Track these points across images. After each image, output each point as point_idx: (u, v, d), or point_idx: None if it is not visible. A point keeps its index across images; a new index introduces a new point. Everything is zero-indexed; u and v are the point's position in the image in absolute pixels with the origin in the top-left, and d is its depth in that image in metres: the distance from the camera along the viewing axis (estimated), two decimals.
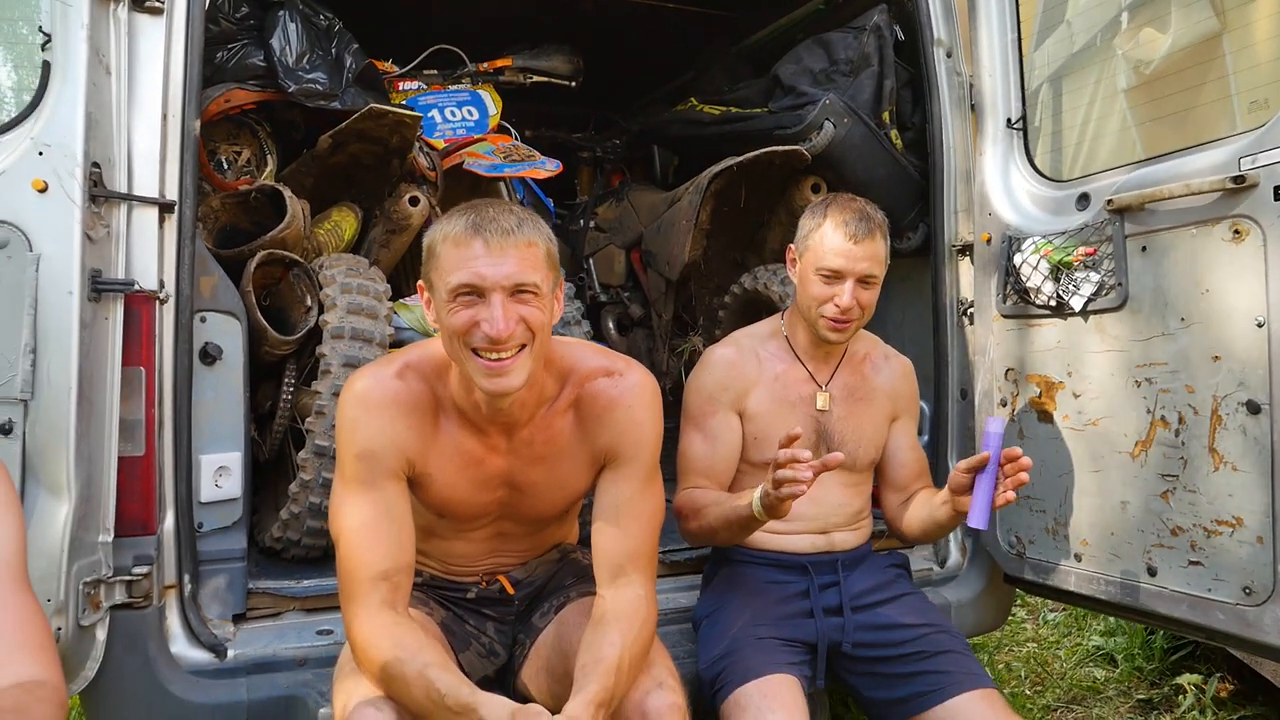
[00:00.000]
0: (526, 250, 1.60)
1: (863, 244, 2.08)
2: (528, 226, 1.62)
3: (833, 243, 2.10)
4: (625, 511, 1.78)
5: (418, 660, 1.54)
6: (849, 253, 2.08)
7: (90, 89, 1.86)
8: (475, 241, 1.58)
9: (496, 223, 1.59)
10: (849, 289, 2.09)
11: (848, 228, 2.09)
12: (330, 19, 2.79)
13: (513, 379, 1.61)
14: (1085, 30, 2.59)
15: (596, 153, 4.53)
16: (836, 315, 2.11)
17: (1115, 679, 3.51)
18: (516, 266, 1.58)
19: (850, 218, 2.10)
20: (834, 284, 2.10)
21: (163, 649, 2.03)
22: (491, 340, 1.57)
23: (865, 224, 2.09)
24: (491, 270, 1.57)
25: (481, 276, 1.57)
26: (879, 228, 2.13)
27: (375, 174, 2.86)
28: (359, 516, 1.66)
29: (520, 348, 1.61)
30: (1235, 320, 2.01)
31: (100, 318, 1.90)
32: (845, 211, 2.12)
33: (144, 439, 2.00)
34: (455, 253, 1.59)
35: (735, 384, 2.21)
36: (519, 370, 1.61)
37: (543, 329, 1.63)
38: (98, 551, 1.90)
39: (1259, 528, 1.97)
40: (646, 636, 1.71)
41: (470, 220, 1.60)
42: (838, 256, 2.09)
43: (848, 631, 2.14)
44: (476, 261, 1.57)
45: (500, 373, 1.60)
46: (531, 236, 1.61)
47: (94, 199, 1.87)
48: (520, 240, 1.59)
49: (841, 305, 2.09)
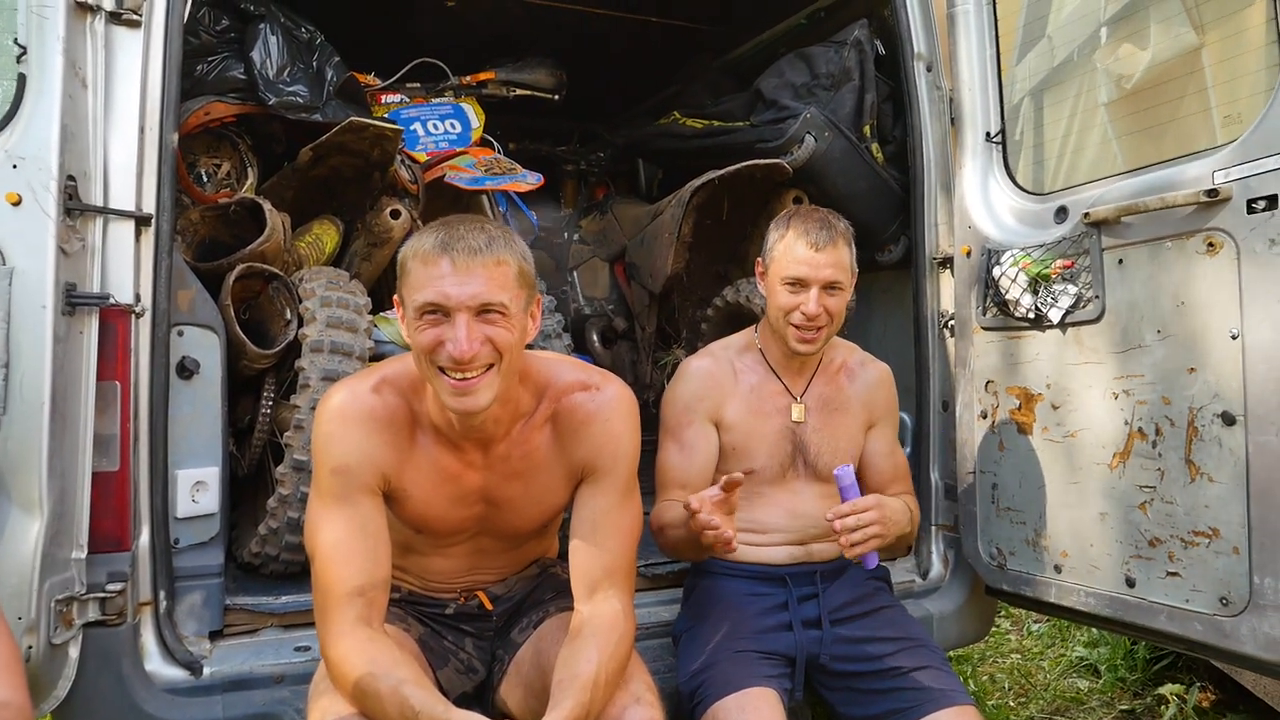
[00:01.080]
0: (495, 269, 1.58)
1: (825, 251, 2.11)
2: (498, 245, 1.60)
3: (796, 251, 2.12)
4: (602, 525, 1.77)
5: (392, 677, 1.53)
6: (812, 260, 2.11)
7: (66, 102, 1.85)
8: (442, 260, 1.57)
9: (464, 241, 1.57)
10: (814, 296, 2.11)
11: (809, 236, 2.11)
12: (312, 32, 2.79)
13: (479, 398, 1.60)
14: (1065, 45, 2.61)
15: (581, 166, 4.53)
16: (803, 323, 2.13)
17: (1099, 689, 3.52)
18: (483, 286, 1.57)
19: (812, 226, 2.13)
20: (799, 292, 2.13)
21: (137, 667, 2.00)
22: (455, 360, 1.56)
23: (827, 232, 2.12)
24: (457, 290, 1.56)
25: (446, 296, 1.56)
26: (842, 236, 2.16)
27: (356, 187, 2.85)
28: (334, 532, 1.65)
29: (487, 367, 1.60)
30: (1210, 332, 2.02)
31: (75, 332, 1.89)
32: (808, 221, 2.15)
33: (119, 454, 1.99)
34: (423, 270, 1.58)
35: (711, 394, 2.22)
36: (485, 390, 1.60)
37: (511, 349, 1.62)
38: (70, 568, 1.88)
39: (1235, 539, 1.97)
40: (624, 651, 1.70)
41: (439, 238, 1.59)
42: (801, 265, 2.11)
43: (826, 644, 2.13)
44: (442, 281, 1.56)
45: (466, 392, 1.59)
46: (501, 255, 1.59)
47: (69, 212, 1.86)
48: (488, 259, 1.57)
49: (808, 313, 2.11)
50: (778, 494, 2.23)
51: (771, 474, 2.22)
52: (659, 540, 2.18)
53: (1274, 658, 1.91)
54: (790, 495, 2.24)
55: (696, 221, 3.29)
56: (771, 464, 2.22)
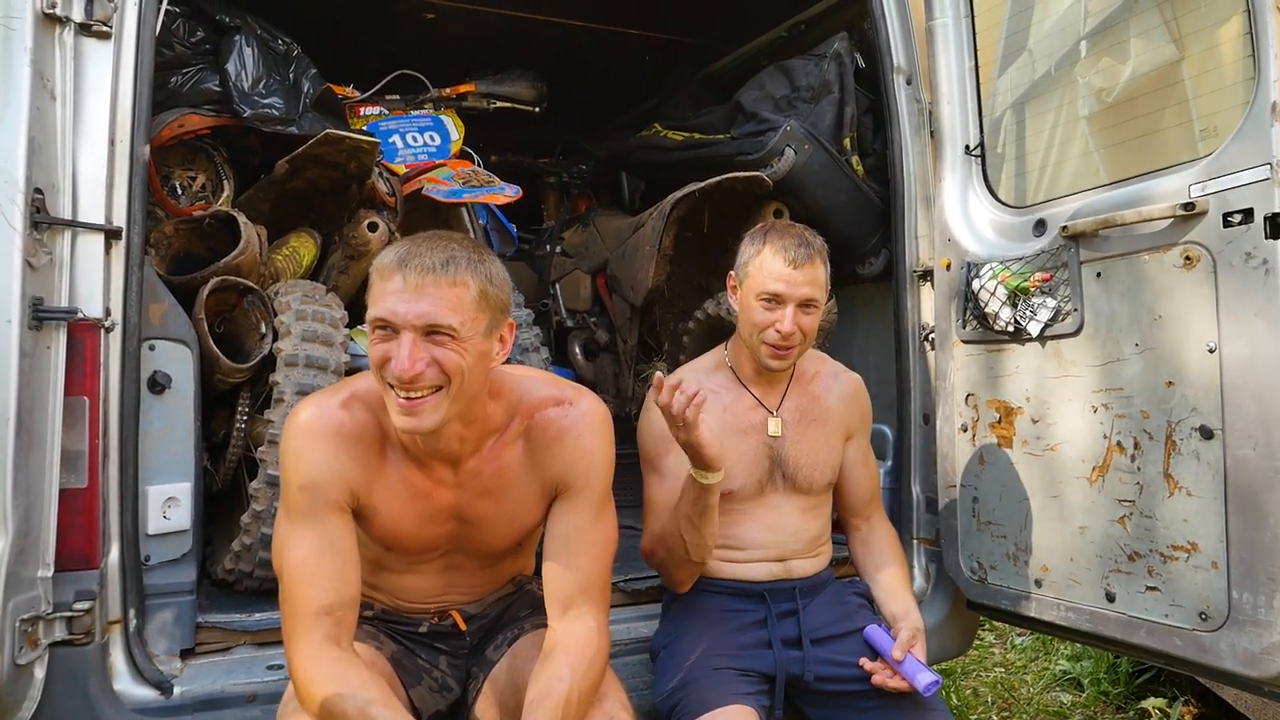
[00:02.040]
0: (448, 290, 1.54)
1: (803, 269, 2.08)
2: (457, 265, 1.56)
3: (773, 268, 2.09)
4: (576, 542, 1.75)
5: (359, 697, 1.50)
6: (789, 278, 2.07)
7: (34, 113, 1.82)
8: (396, 275, 1.54)
9: (421, 259, 1.54)
10: (790, 314, 2.08)
11: (787, 253, 2.08)
12: (289, 44, 2.77)
13: (424, 420, 1.57)
14: (1045, 58, 2.61)
15: (563, 178, 4.53)
16: (778, 341, 2.10)
17: (1081, 704, 3.51)
18: (431, 306, 1.53)
19: (790, 243, 2.09)
20: (775, 309, 2.10)
21: (105, 687, 1.96)
22: (398, 379, 1.54)
23: (805, 249, 2.09)
24: (404, 308, 1.53)
25: (394, 313, 1.54)
26: (819, 253, 2.13)
27: (334, 200, 2.83)
28: (301, 550, 1.62)
29: (435, 389, 1.57)
30: (1188, 346, 2.02)
31: (42, 346, 1.85)
32: (785, 237, 2.11)
33: (87, 470, 1.95)
34: (380, 284, 1.56)
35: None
36: (431, 412, 1.57)
37: (461, 373, 1.57)
38: (37, 587, 1.84)
39: (1214, 553, 1.97)
40: (598, 670, 1.68)
41: (399, 253, 1.57)
42: (778, 281, 2.08)
43: (808, 664, 2.11)
44: (393, 297, 1.54)
45: (412, 412, 1.56)
46: (459, 276, 1.55)
47: (36, 225, 1.83)
48: (442, 279, 1.54)
49: (783, 330, 2.08)
50: (756, 510, 2.21)
51: (750, 491, 2.19)
52: (655, 563, 2.17)
53: (1253, 673, 1.90)
54: (768, 511, 2.21)
55: (677, 234, 3.28)
56: (750, 481, 2.19)
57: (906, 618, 2.16)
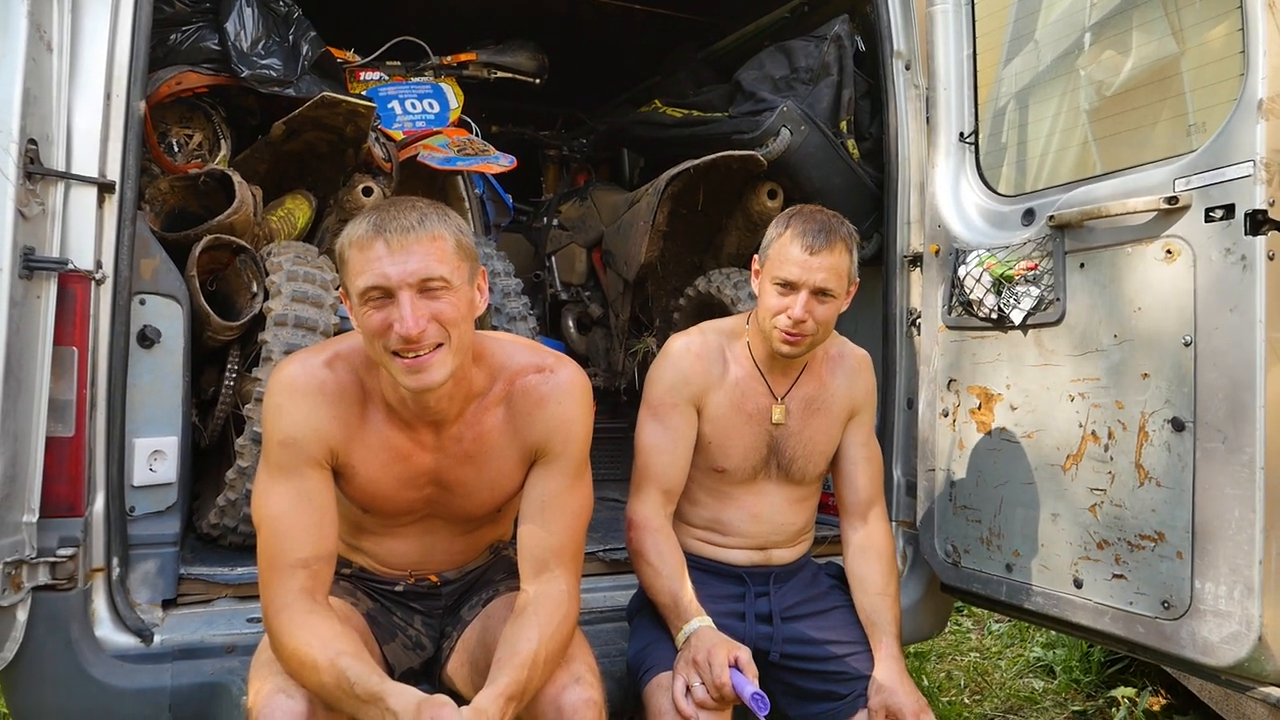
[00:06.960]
0: (431, 245, 1.58)
1: (820, 255, 2.01)
2: (432, 220, 1.59)
3: (790, 253, 2.03)
4: (551, 507, 1.78)
5: (330, 648, 1.53)
6: (804, 263, 2.01)
7: (29, 64, 1.84)
8: (377, 243, 1.56)
9: (397, 220, 1.57)
10: (802, 300, 2.02)
11: (805, 239, 2.02)
12: (289, 5, 2.77)
13: (434, 374, 1.60)
14: (1046, 49, 2.61)
15: (563, 151, 4.54)
16: (788, 327, 2.04)
17: (1053, 690, 3.56)
18: (421, 262, 1.56)
19: (811, 228, 2.03)
20: (788, 295, 2.03)
21: (86, 632, 2.01)
22: (405, 340, 1.56)
23: (826, 236, 2.02)
24: (396, 269, 1.56)
25: (386, 276, 1.56)
26: (842, 241, 2.04)
27: (330, 163, 2.84)
28: (280, 504, 1.65)
29: (436, 346, 1.59)
30: (1165, 338, 2.04)
31: (32, 296, 1.88)
32: (808, 222, 2.05)
33: (74, 419, 1.98)
34: (360, 256, 1.58)
35: (697, 380, 2.15)
36: (439, 366, 1.60)
37: (458, 323, 1.61)
38: (21, 531, 1.88)
39: (1179, 543, 2.00)
40: (566, 631, 1.71)
41: (371, 222, 1.59)
42: (793, 266, 2.02)
43: (776, 642, 2.14)
44: (380, 262, 1.56)
45: (420, 369, 1.58)
46: (436, 230, 1.59)
47: (29, 176, 1.85)
48: (423, 235, 1.57)
49: (793, 317, 2.02)
50: (744, 495, 2.21)
51: (743, 475, 2.19)
52: (628, 536, 2.14)
53: (1210, 661, 1.94)
54: (756, 497, 2.21)
55: (671, 211, 3.30)
56: (745, 465, 2.18)
57: (878, 693, 2.04)
